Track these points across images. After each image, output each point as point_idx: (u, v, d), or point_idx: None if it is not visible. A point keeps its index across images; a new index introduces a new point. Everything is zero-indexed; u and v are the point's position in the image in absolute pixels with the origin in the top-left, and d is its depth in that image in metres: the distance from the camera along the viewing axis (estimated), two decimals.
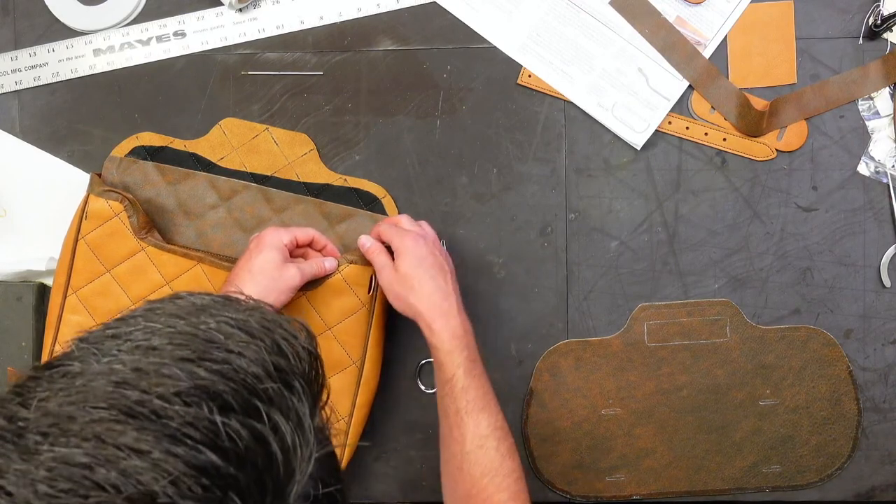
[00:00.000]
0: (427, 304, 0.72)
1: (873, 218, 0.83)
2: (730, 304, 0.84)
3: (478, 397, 0.70)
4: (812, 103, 0.82)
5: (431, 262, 0.73)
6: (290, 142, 0.83)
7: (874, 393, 0.84)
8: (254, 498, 0.32)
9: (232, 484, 0.31)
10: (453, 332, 0.71)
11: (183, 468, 0.30)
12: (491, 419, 0.70)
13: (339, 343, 0.79)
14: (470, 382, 0.70)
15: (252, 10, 0.84)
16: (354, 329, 0.79)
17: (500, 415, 0.71)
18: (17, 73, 0.86)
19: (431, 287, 0.72)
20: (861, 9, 0.82)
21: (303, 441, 0.34)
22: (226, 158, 0.84)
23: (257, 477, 0.32)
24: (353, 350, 0.79)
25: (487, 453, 0.68)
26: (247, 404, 0.33)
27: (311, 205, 0.83)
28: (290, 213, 0.83)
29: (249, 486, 0.31)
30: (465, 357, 0.71)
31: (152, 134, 0.84)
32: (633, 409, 0.84)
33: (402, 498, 0.87)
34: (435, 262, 0.74)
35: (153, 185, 0.83)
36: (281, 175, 0.83)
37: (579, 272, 0.84)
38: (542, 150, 0.84)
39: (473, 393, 0.70)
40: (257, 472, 0.32)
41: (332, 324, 0.78)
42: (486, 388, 0.71)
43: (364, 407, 0.80)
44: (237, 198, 0.83)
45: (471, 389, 0.70)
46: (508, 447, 0.70)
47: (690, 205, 0.84)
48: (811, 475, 0.85)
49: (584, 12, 0.83)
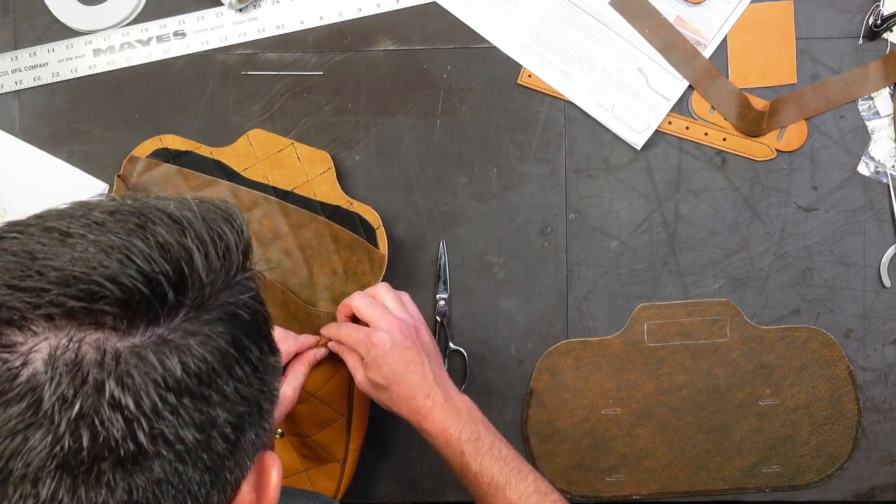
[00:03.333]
0: (408, 409, 0.68)
1: (873, 218, 0.83)
2: (730, 304, 0.84)
3: (496, 474, 0.65)
4: (812, 103, 0.82)
5: (405, 362, 0.68)
6: (312, 159, 0.82)
7: (874, 393, 0.84)
8: (176, 287, 0.34)
9: (162, 276, 0.34)
10: (444, 424, 0.67)
11: (120, 251, 0.34)
12: (519, 488, 0.65)
13: (326, 404, 0.78)
14: (482, 463, 0.66)
15: (252, 10, 0.84)
16: (338, 388, 0.78)
17: (528, 477, 0.66)
18: (17, 73, 0.86)
19: (410, 390, 0.67)
20: (861, 9, 0.82)
21: (225, 260, 0.37)
22: (250, 169, 0.83)
23: (181, 276, 0.35)
24: (339, 406, 0.79)
25: None
26: (172, 223, 0.36)
27: (322, 225, 0.82)
28: (305, 231, 0.82)
29: (176, 283, 0.34)
30: (465, 440, 0.66)
31: (176, 137, 0.83)
32: (633, 409, 0.84)
33: (402, 498, 0.87)
34: (408, 358, 0.68)
35: (175, 188, 0.83)
36: (300, 192, 0.82)
37: (579, 272, 0.84)
38: (542, 150, 0.84)
39: (489, 473, 0.65)
40: (181, 273, 0.35)
41: (316, 390, 0.77)
42: (502, 458, 0.66)
43: (355, 451, 0.80)
44: (257, 210, 0.83)
45: (485, 470, 0.66)
46: (553, 503, 0.66)
47: (690, 205, 0.84)
48: (811, 475, 0.85)
49: (584, 12, 0.83)
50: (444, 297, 0.84)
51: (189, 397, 0.34)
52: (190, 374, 0.34)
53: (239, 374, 0.37)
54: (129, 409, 0.32)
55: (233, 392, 0.36)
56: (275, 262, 0.83)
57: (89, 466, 0.31)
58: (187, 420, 0.34)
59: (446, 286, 0.84)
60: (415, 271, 0.85)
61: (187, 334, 0.35)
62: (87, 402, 0.31)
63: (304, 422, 0.79)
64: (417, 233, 0.85)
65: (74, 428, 0.31)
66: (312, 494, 0.67)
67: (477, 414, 0.69)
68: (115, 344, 0.32)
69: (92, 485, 0.32)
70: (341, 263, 0.81)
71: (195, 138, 0.84)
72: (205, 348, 0.35)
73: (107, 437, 0.31)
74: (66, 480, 0.31)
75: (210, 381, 0.35)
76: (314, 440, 0.79)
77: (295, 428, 0.80)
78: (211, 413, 0.35)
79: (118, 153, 0.84)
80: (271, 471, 0.40)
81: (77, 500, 0.32)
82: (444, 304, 0.84)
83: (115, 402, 0.32)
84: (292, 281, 0.82)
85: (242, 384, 0.37)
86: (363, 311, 0.71)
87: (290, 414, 0.77)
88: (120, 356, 0.32)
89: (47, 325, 0.32)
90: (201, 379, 0.35)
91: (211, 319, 0.36)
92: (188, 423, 0.34)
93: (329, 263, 0.82)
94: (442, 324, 0.84)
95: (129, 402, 0.32)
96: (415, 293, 0.84)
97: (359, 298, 0.72)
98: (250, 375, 0.37)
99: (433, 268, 0.85)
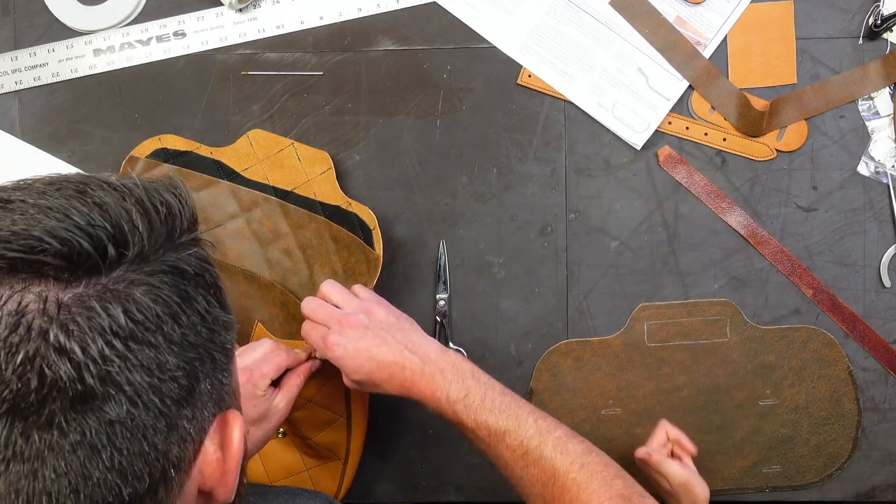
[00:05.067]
0: (393, 388, 0.66)
1: (873, 218, 0.83)
2: (730, 304, 0.84)
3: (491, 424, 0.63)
4: (812, 103, 0.82)
5: (367, 351, 0.66)
6: (312, 159, 0.82)
7: (874, 393, 0.84)
8: (116, 242, 0.35)
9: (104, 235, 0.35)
10: (430, 388, 0.65)
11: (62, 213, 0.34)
12: (518, 433, 0.63)
13: (324, 407, 0.78)
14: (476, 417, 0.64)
15: (252, 10, 0.84)
16: (334, 392, 0.78)
17: (527, 419, 0.64)
18: (17, 73, 0.86)
19: (385, 373, 0.66)
20: (861, 9, 0.82)
21: (166, 223, 0.38)
22: (250, 169, 0.83)
23: (120, 231, 0.36)
24: (337, 407, 0.79)
25: (537, 465, 0.61)
26: (112, 191, 0.37)
27: (323, 226, 0.82)
28: (305, 231, 0.82)
29: (116, 238, 0.35)
30: (455, 399, 0.65)
31: (175, 137, 0.83)
32: (633, 409, 0.84)
33: (402, 498, 0.87)
34: (368, 345, 0.67)
35: None
36: (301, 192, 0.82)
37: (579, 272, 0.84)
38: (542, 150, 0.84)
39: (486, 425, 0.64)
40: (121, 229, 0.36)
41: (312, 395, 0.77)
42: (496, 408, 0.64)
43: (358, 449, 0.80)
44: (257, 210, 0.83)
45: (481, 424, 0.64)
46: (555, 443, 0.62)
47: (690, 205, 0.84)
48: (811, 475, 0.85)
49: (584, 12, 0.83)
50: (444, 297, 0.84)
51: (135, 342, 0.35)
52: (135, 320, 0.35)
53: (185, 321, 0.37)
54: (75, 354, 0.33)
55: (180, 338, 0.37)
56: (275, 261, 0.83)
57: (38, 408, 0.32)
58: (135, 363, 0.35)
59: (446, 286, 0.84)
60: (415, 271, 0.85)
61: (131, 284, 0.35)
62: (31, 347, 0.32)
63: (305, 426, 0.79)
64: (417, 233, 0.85)
65: (21, 373, 0.32)
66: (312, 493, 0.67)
67: (464, 367, 0.66)
68: (57, 294, 0.33)
69: (44, 426, 0.32)
70: (341, 264, 0.81)
71: (195, 138, 0.84)
72: (149, 297, 0.36)
73: (54, 378, 0.32)
74: (17, 424, 0.32)
75: (156, 328, 0.36)
76: (316, 441, 0.79)
77: (297, 432, 0.80)
78: (159, 358, 0.36)
79: (118, 153, 0.85)
80: (233, 426, 0.41)
81: (31, 443, 0.32)
82: (444, 304, 0.84)
83: (60, 348, 0.32)
84: (293, 281, 0.82)
85: (190, 332, 0.38)
86: (312, 317, 0.70)
87: (290, 419, 0.77)
88: (62, 305, 0.33)
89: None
90: (146, 326, 0.35)
91: (154, 271, 0.37)
92: (136, 366, 0.35)
93: (329, 263, 0.82)
94: (442, 324, 0.84)
95: (76, 348, 0.33)
96: (415, 293, 0.85)
97: (306, 304, 0.71)
98: (198, 325, 0.38)
99: (433, 268, 0.85)
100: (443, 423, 0.72)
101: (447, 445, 0.86)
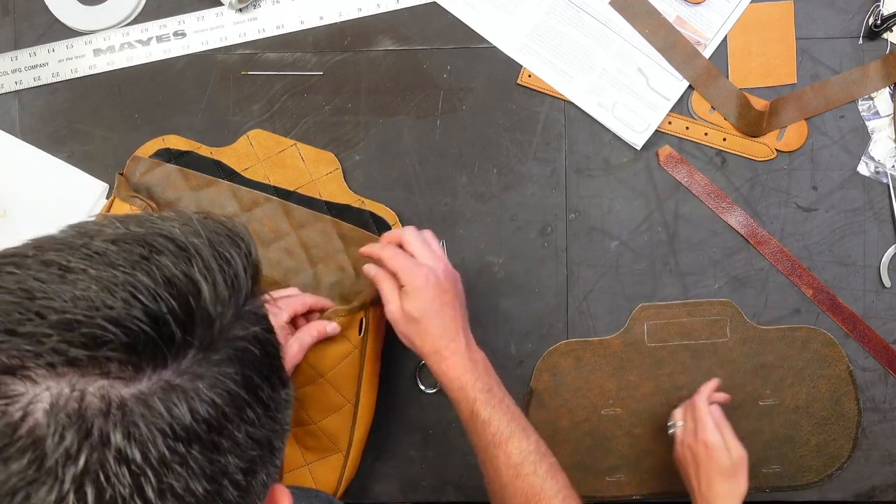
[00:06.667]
0: (432, 347, 0.69)
1: (873, 218, 0.83)
2: (730, 304, 0.84)
3: (502, 426, 0.67)
4: (812, 103, 0.82)
5: (441, 302, 0.69)
6: (316, 159, 0.83)
7: (874, 393, 0.84)
8: (184, 326, 0.33)
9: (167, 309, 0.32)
10: (462, 369, 0.68)
11: (125, 286, 0.32)
12: (521, 444, 0.67)
13: (334, 387, 0.78)
14: (491, 414, 0.67)
15: (252, 10, 0.84)
16: (347, 372, 0.78)
17: (532, 437, 0.68)
18: (17, 73, 0.86)
19: (439, 330, 0.68)
20: (861, 9, 0.82)
21: (234, 289, 0.35)
22: (250, 169, 0.83)
23: (188, 312, 0.33)
24: (347, 391, 0.78)
25: (526, 480, 0.65)
26: (178, 251, 0.34)
27: (328, 224, 0.82)
28: (309, 230, 0.82)
29: (184, 321, 0.33)
30: (479, 389, 0.68)
31: (178, 137, 0.84)
32: (633, 409, 0.84)
33: (403, 498, 0.87)
34: (444, 299, 0.69)
35: (176, 188, 0.83)
36: (304, 192, 0.82)
37: (579, 272, 0.84)
38: (542, 150, 0.84)
39: (496, 424, 0.67)
40: (189, 309, 0.33)
41: (326, 371, 0.77)
42: (509, 413, 0.68)
43: (360, 441, 0.80)
44: (257, 210, 0.83)
45: (493, 421, 0.67)
46: (548, 468, 0.67)
47: (690, 205, 0.84)
48: (811, 475, 0.85)
49: (584, 12, 0.83)
50: None
51: (199, 446, 0.32)
52: (199, 420, 0.32)
53: (251, 416, 0.35)
54: (135, 462, 0.30)
55: (244, 437, 0.34)
56: (276, 261, 0.83)
57: None
58: (197, 471, 0.32)
59: None
60: None
61: (196, 377, 0.33)
62: (92, 455, 0.29)
63: (312, 406, 0.79)
64: None
65: (79, 485, 0.29)
66: (312, 493, 0.67)
67: (491, 370, 0.71)
68: (119, 392, 0.31)
69: None
70: (350, 261, 0.82)
71: (195, 138, 0.84)
72: (214, 392, 0.33)
73: (113, 494, 0.30)
74: None
75: (220, 428, 0.33)
76: (319, 426, 0.79)
77: (302, 414, 0.79)
78: (221, 461, 0.33)
79: (118, 153, 0.85)
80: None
81: None
82: None
83: (121, 455, 0.30)
84: (295, 280, 0.82)
85: (254, 427, 0.35)
86: (392, 263, 0.70)
87: (298, 397, 0.77)
88: (125, 405, 0.30)
89: (48, 374, 0.30)
90: (211, 426, 0.33)
91: (220, 360, 0.34)
92: (198, 474, 0.32)
93: (335, 261, 0.82)
94: None
95: (136, 454, 0.30)
96: None
97: (389, 250, 0.71)
98: (262, 416, 0.36)
99: None
100: (443, 423, 0.72)
101: (447, 445, 0.86)
